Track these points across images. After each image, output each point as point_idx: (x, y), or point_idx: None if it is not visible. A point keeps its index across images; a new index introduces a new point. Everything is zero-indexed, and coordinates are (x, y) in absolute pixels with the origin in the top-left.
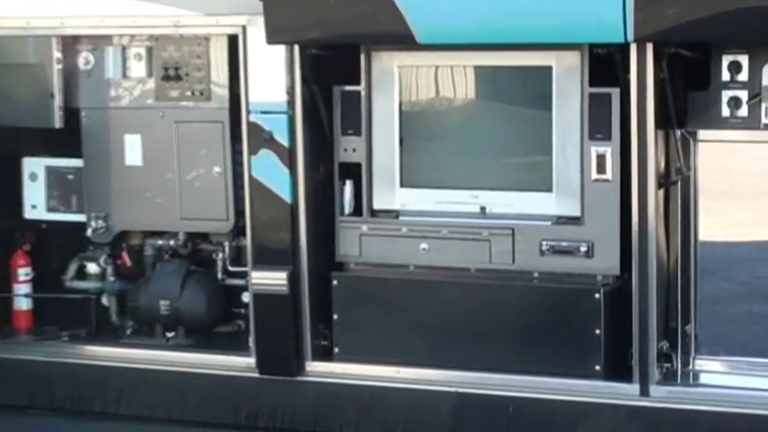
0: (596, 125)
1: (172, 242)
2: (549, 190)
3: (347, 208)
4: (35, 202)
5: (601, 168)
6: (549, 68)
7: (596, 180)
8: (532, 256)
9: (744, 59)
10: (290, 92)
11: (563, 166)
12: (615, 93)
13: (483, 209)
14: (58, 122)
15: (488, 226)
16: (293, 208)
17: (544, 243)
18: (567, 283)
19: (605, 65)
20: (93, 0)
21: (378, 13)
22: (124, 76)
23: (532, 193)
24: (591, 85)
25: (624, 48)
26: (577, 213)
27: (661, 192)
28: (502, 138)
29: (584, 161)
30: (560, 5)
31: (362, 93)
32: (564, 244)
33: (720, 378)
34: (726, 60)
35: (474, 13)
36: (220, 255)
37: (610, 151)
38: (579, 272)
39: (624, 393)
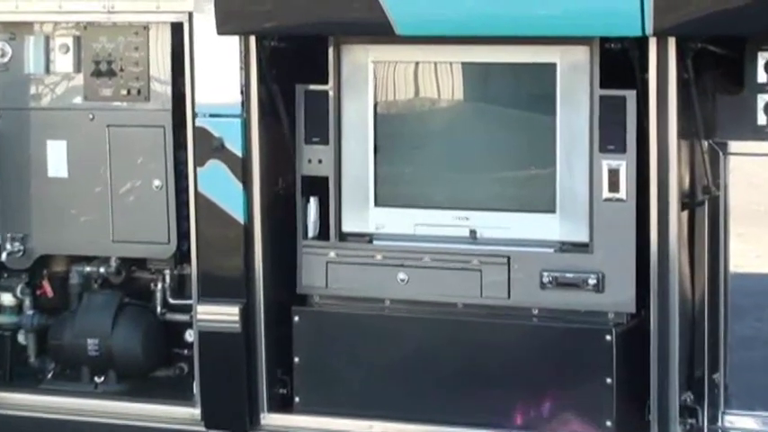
0: (608, 134)
1: (102, 269)
2: (552, 211)
3: (311, 230)
4: None
5: (613, 186)
6: (553, 66)
7: (608, 199)
8: (532, 290)
9: None
10: (245, 91)
11: (568, 182)
12: (630, 96)
13: (473, 233)
14: None
15: (479, 253)
16: (247, 229)
17: (545, 274)
18: (573, 321)
19: (619, 63)
20: None
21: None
22: (47, 71)
23: (532, 214)
24: (602, 86)
25: (641, 42)
26: (585, 239)
27: (685, 214)
28: (495, 148)
29: (593, 177)
30: None
31: (330, 93)
32: (569, 275)
33: None
34: (762, 59)
35: (463, 1)
36: (160, 285)
37: (624, 165)
38: (587, 309)
39: None
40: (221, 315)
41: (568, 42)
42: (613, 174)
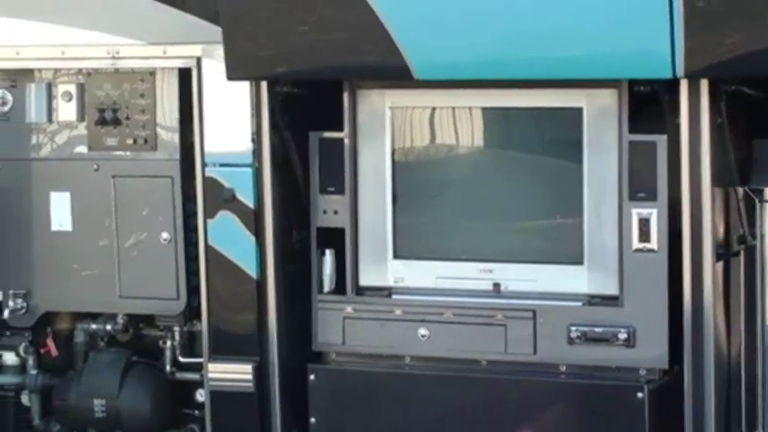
0: (638, 181)
1: (109, 326)
2: (580, 262)
3: (327, 284)
4: None
5: (644, 235)
6: (579, 111)
7: (638, 250)
8: (559, 345)
9: None
10: (257, 140)
11: (596, 232)
12: (661, 141)
13: (497, 286)
14: None
15: (504, 307)
16: (260, 284)
17: (573, 328)
18: (603, 378)
19: (649, 106)
20: (10, 26)
21: (365, 42)
22: (49, 119)
23: (558, 265)
24: (631, 131)
25: (672, 85)
26: (615, 291)
27: (719, 265)
28: (519, 197)
29: (622, 226)
30: (592, 32)
31: (346, 140)
32: (598, 330)
33: None
34: None
35: (484, 43)
36: (169, 342)
37: (655, 214)
38: (617, 364)
39: None
40: (234, 374)
41: (595, 85)
42: (644, 223)
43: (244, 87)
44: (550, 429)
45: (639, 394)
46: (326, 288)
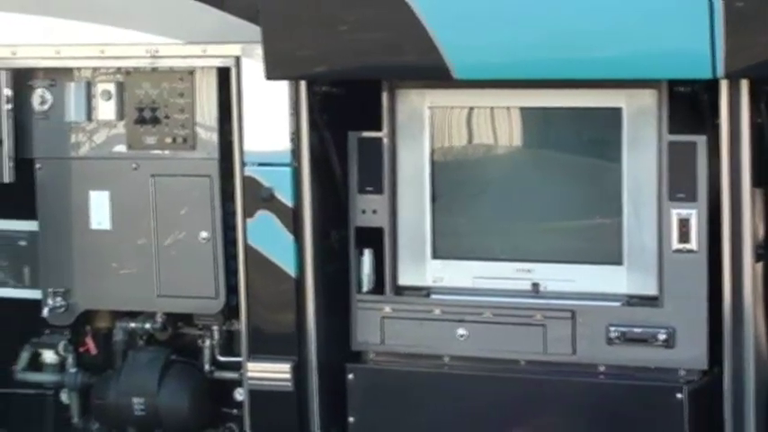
0: (678, 182)
1: (147, 325)
2: (619, 262)
3: (366, 284)
4: None
5: (683, 236)
6: (618, 111)
7: (678, 250)
8: (598, 345)
9: None
10: (295, 139)
11: (636, 232)
12: (701, 141)
13: (536, 286)
14: (7, 176)
15: (543, 307)
16: (299, 283)
17: (612, 329)
18: (642, 379)
19: (689, 107)
20: (50, 25)
21: (404, 42)
22: (89, 118)
23: (597, 266)
24: (671, 131)
25: (712, 85)
26: (654, 292)
27: (759, 265)
28: (558, 197)
29: (662, 227)
30: (632, 32)
31: (385, 140)
32: (637, 330)
33: None
34: None
35: (524, 43)
36: (208, 341)
37: (695, 214)
38: (656, 365)
39: None
40: (272, 373)
41: (635, 86)
42: (683, 223)
43: (282, 87)
44: (589, 430)
45: (679, 395)
46: (365, 288)
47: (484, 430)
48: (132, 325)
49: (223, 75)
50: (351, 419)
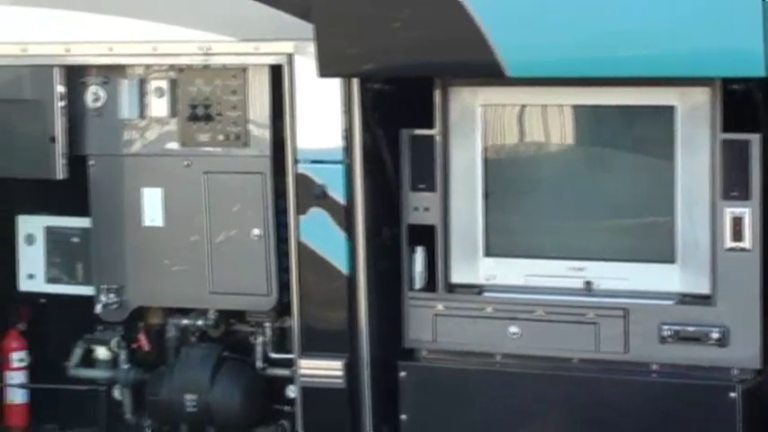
0: (731, 180)
1: (200, 322)
2: (672, 261)
3: (418, 281)
4: (32, 271)
5: (737, 234)
6: (671, 109)
7: (731, 249)
8: (650, 344)
9: None
10: (348, 136)
11: (689, 231)
12: (755, 140)
13: (588, 284)
14: (60, 173)
15: (595, 305)
16: (351, 281)
17: (665, 327)
18: (695, 378)
19: (743, 105)
20: (103, 23)
21: (457, 40)
22: (142, 115)
23: (650, 264)
24: (724, 129)
25: (766, 83)
26: (707, 290)
27: None
28: (611, 195)
29: (715, 225)
30: (685, 30)
31: (437, 138)
32: (690, 329)
33: None
34: None
35: (577, 41)
36: (260, 338)
37: (749, 213)
38: (709, 364)
39: None
40: (324, 370)
41: (688, 84)
42: (737, 222)
43: (335, 84)
44: (641, 428)
45: (732, 394)
46: (417, 285)
47: (535, 428)
48: (185, 322)
49: (276, 72)
50: (402, 417)
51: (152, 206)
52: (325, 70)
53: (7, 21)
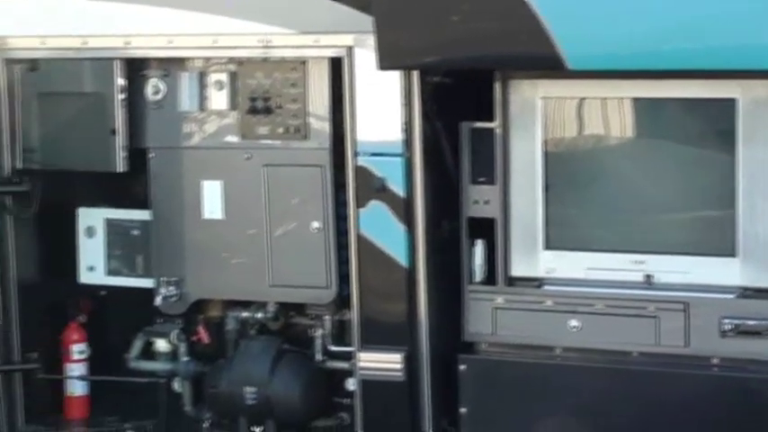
0: None
1: (259, 314)
2: (733, 254)
3: (478, 274)
4: (92, 264)
5: None
6: (733, 102)
7: None
8: (711, 338)
9: None
10: (408, 129)
11: (750, 224)
12: None
13: (649, 277)
14: (120, 165)
15: (655, 299)
16: (410, 273)
17: (726, 321)
18: (756, 372)
19: None
20: (163, 15)
21: (518, 32)
22: (201, 108)
23: (711, 258)
24: None
25: None
26: None
27: None
28: (672, 188)
29: None
30: (746, 22)
31: (497, 131)
32: (751, 323)
33: None
34: None
35: (637, 33)
36: (319, 331)
37: None
38: None
39: None
40: (384, 363)
41: (750, 76)
42: None
43: (395, 77)
44: (702, 423)
45: None
46: (477, 278)
47: (595, 422)
48: (244, 314)
49: (335, 65)
50: (462, 410)
51: (212, 199)
52: (385, 63)
53: (68, 14)
